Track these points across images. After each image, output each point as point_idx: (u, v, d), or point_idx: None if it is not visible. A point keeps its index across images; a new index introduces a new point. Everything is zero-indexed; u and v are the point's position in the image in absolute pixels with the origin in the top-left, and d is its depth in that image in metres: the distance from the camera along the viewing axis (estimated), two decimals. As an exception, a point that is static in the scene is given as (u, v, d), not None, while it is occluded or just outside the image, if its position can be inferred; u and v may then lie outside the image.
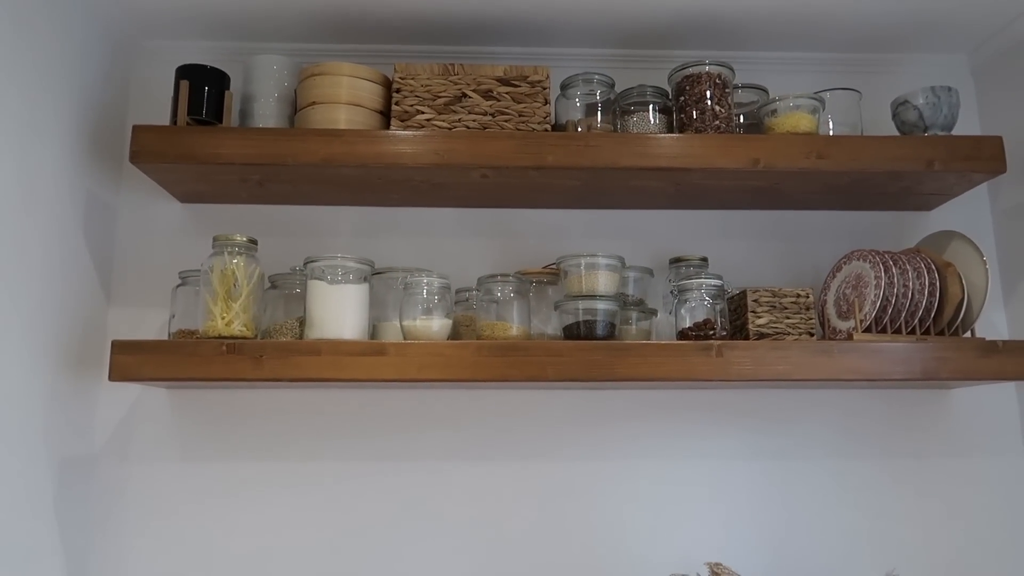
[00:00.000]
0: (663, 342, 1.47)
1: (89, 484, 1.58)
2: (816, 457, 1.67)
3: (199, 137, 1.48)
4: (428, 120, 1.54)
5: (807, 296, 1.51)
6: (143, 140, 1.47)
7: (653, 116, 1.61)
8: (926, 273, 1.52)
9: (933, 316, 1.52)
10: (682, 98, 1.59)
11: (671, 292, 1.58)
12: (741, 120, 1.69)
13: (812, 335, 1.50)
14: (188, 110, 1.51)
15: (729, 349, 1.42)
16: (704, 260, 1.66)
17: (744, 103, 1.70)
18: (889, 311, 1.50)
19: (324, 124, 1.52)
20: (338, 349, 1.39)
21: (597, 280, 1.48)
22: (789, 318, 1.50)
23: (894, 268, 1.52)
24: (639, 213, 1.77)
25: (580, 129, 1.60)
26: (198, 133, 1.49)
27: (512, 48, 1.77)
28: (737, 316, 1.56)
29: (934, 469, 1.68)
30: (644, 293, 1.64)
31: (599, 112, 1.62)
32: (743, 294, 1.53)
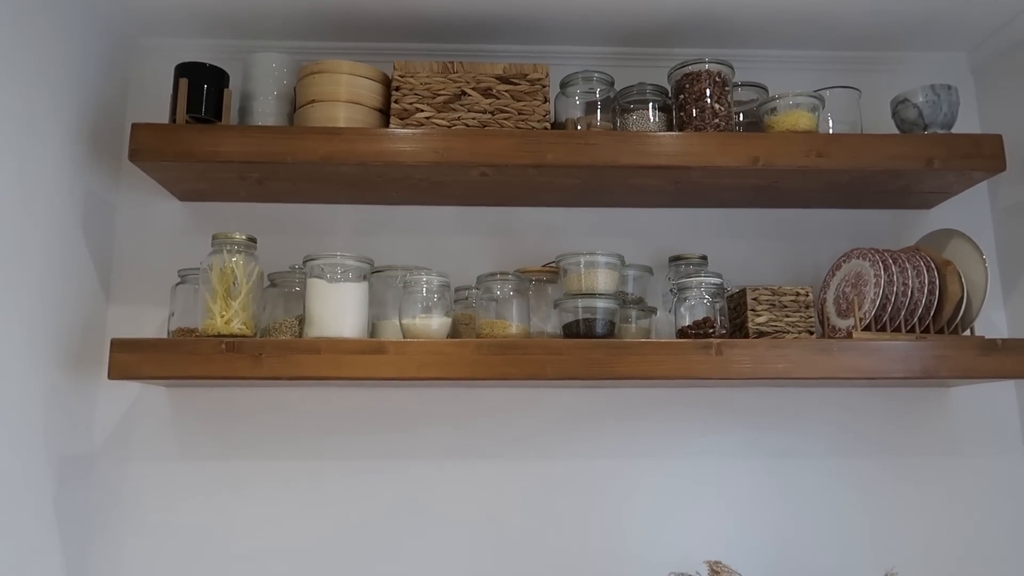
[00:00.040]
0: (663, 340, 1.47)
1: (88, 482, 1.58)
2: (816, 455, 1.67)
3: (198, 135, 1.48)
4: (427, 118, 1.54)
5: (807, 294, 1.51)
6: (142, 138, 1.47)
7: (653, 114, 1.60)
8: (925, 271, 1.52)
9: (933, 314, 1.52)
10: (682, 96, 1.59)
11: (671, 290, 1.58)
12: (741, 118, 1.69)
13: (812, 333, 1.50)
14: (187, 108, 1.51)
15: (728, 347, 1.43)
16: (704, 258, 1.66)
17: (744, 101, 1.70)
18: (889, 309, 1.50)
19: (323, 122, 1.52)
20: (337, 347, 1.39)
21: (597, 278, 1.48)
22: (788, 316, 1.50)
23: (893, 266, 1.52)
24: (639, 211, 1.77)
25: (580, 127, 1.60)
26: (197, 131, 1.49)
27: (512, 46, 1.77)
28: (737, 314, 1.56)
29: (934, 467, 1.68)
30: (644, 291, 1.64)
31: (599, 110, 1.62)
32: (743, 292, 1.53)
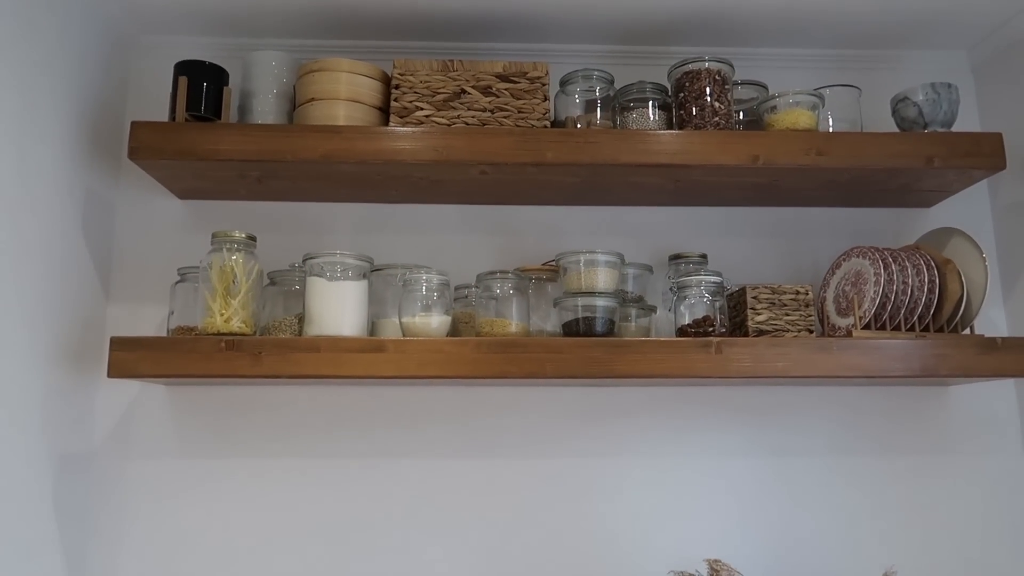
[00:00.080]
0: (662, 339, 1.47)
1: (88, 480, 1.58)
2: (815, 454, 1.67)
3: (198, 133, 1.48)
4: (427, 116, 1.54)
5: (806, 293, 1.51)
6: (141, 136, 1.47)
7: (653, 112, 1.60)
8: (925, 270, 1.51)
9: (932, 313, 1.52)
10: (682, 94, 1.59)
11: (670, 289, 1.58)
12: (741, 117, 1.69)
13: (811, 332, 1.50)
14: (187, 106, 1.51)
15: (728, 346, 1.42)
16: (703, 257, 1.66)
17: (744, 99, 1.70)
18: (888, 308, 1.50)
19: (323, 120, 1.52)
20: (337, 346, 1.39)
21: (596, 277, 1.48)
22: (788, 315, 1.50)
23: (893, 265, 1.52)
24: (638, 210, 1.76)
25: (579, 125, 1.60)
26: (197, 129, 1.48)
27: (511, 44, 1.77)
28: (736, 313, 1.56)
29: (933, 465, 1.68)
30: (643, 290, 1.64)
31: (598, 108, 1.62)
32: (742, 291, 1.52)
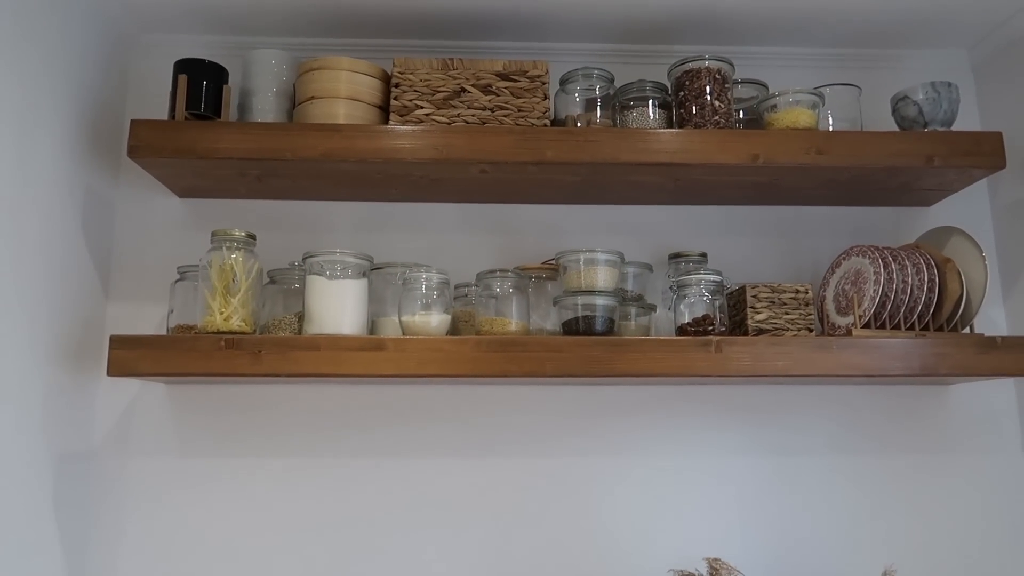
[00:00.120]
0: (662, 338, 1.47)
1: (88, 478, 1.58)
2: (815, 453, 1.67)
3: (197, 132, 1.48)
4: (427, 115, 1.53)
5: (806, 292, 1.51)
6: (141, 135, 1.47)
7: (652, 111, 1.60)
8: (925, 269, 1.51)
9: (932, 312, 1.52)
10: (682, 93, 1.59)
11: (670, 288, 1.58)
12: (741, 115, 1.69)
13: (811, 331, 1.50)
14: (186, 104, 1.51)
15: (728, 345, 1.42)
16: (703, 256, 1.66)
17: (744, 98, 1.70)
18: (888, 307, 1.50)
19: (323, 119, 1.52)
20: (337, 344, 1.39)
21: (596, 276, 1.48)
22: (788, 314, 1.50)
23: (893, 264, 1.52)
24: (638, 208, 1.76)
25: (579, 124, 1.60)
26: (196, 128, 1.48)
27: (511, 43, 1.77)
28: (736, 312, 1.56)
29: (932, 464, 1.68)
30: (643, 289, 1.64)
31: (598, 107, 1.62)
32: (742, 290, 1.52)
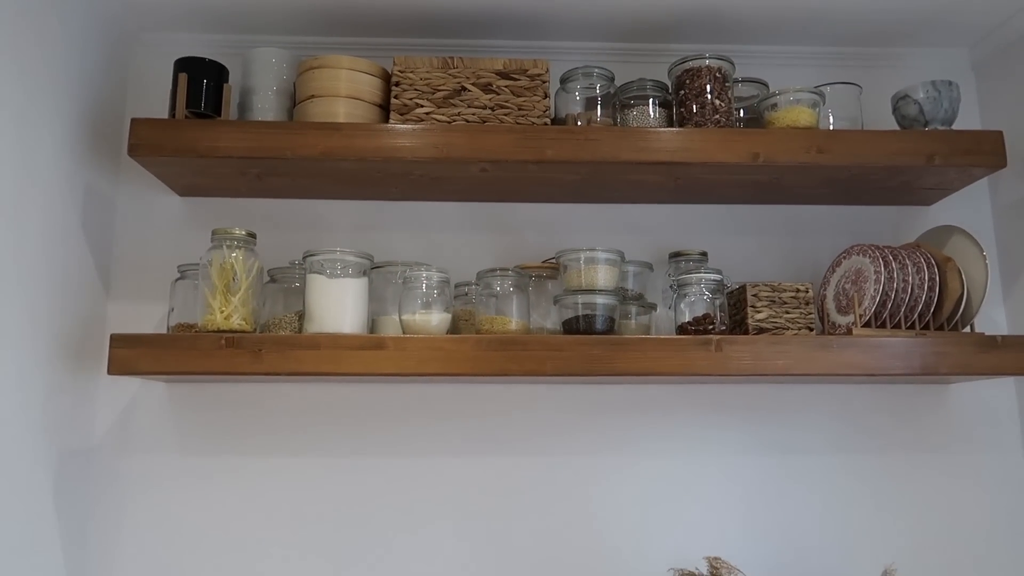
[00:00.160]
0: (662, 337, 1.47)
1: (88, 477, 1.58)
2: (815, 452, 1.67)
3: (197, 130, 1.48)
4: (427, 114, 1.53)
5: (806, 291, 1.51)
6: (141, 133, 1.47)
7: (653, 110, 1.60)
8: (926, 268, 1.51)
9: (932, 311, 1.52)
10: (682, 92, 1.59)
11: (670, 287, 1.58)
12: (741, 114, 1.68)
13: (811, 330, 1.50)
14: (186, 103, 1.51)
15: (728, 344, 1.42)
16: (704, 255, 1.66)
17: (744, 97, 1.69)
18: (888, 306, 1.50)
19: (323, 117, 1.52)
20: (337, 343, 1.39)
21: (596, 275, 1.48)
22: (788, 313, 1.50)
23: (894, 263, 1.51)
24: (639, 207, 1.76)
25: (580, 123, 1.60)
26: (196, 126, 1.48)
27: (511, 41, 1.77)
28: (736, 311, 1.56)
29: (933, 463, 1.68)
30: (643, 288, 1.64)
31: (599, 106, 1.62)
32: (742, 289, 1.52)
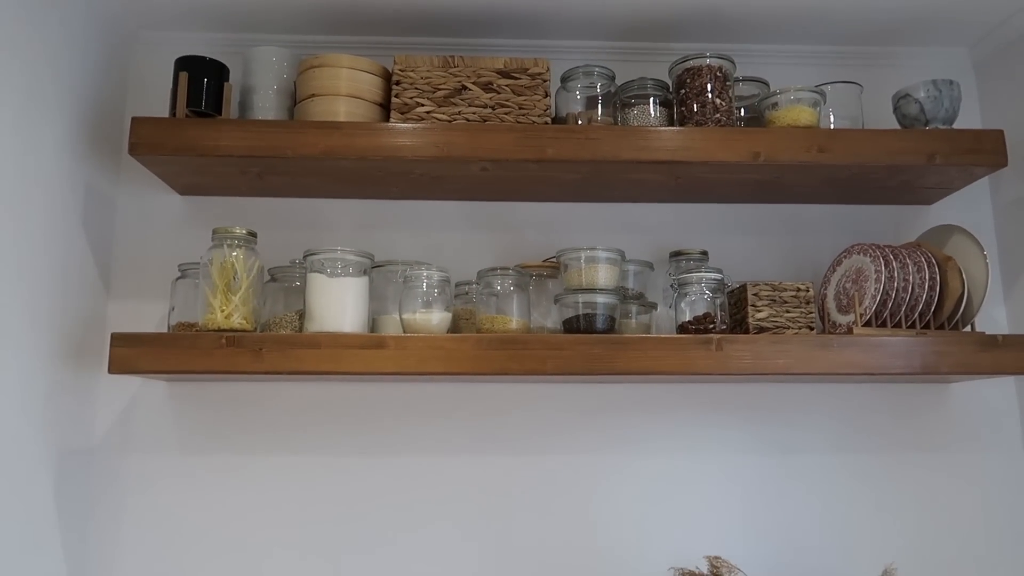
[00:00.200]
0: (663, 336, 1.47)
1: (88, 476, 1.58)
2: (816, 451, 1.67)
3: (198, 129, 1.48)
4: (428, 112, 1.53)
5: (807, 290, 1.51)
6: (142, 132, 1.47)
7: (654, 109, 1.60)
8: (926, 267, 1.51)
9: (933, 310, 1.52)
10: (683, 91, 1.58)
11: (671, 286, 1.58)
12: (742, 113, 1.68)
13: (812, 329, 1.50)
14: (187, 102, 1.51)
15: (729, 343, 1.42)
16: (704, 254, 1.66)
17: (745, 96, 1.69)
18: (889, 305, 1.50)
19: (324, 116, 1.52)
20: (338, 342, 1.39)
21: (597, 274, 1.48)
22: (789, 312, 1.50)
23: (894, 262, 1.51)
24: (639, 206, 1.76)
25: (580, 122, 1.59)
26: (197, 125, 1.48)
27: (512, 40, 1.76)
28: (737, 310, 1.55)
29: (933, 463, 1.68)
30: (644, 287, 1.64)
31: (599, 105, 1.62)
32: (743, 288, 1.52)
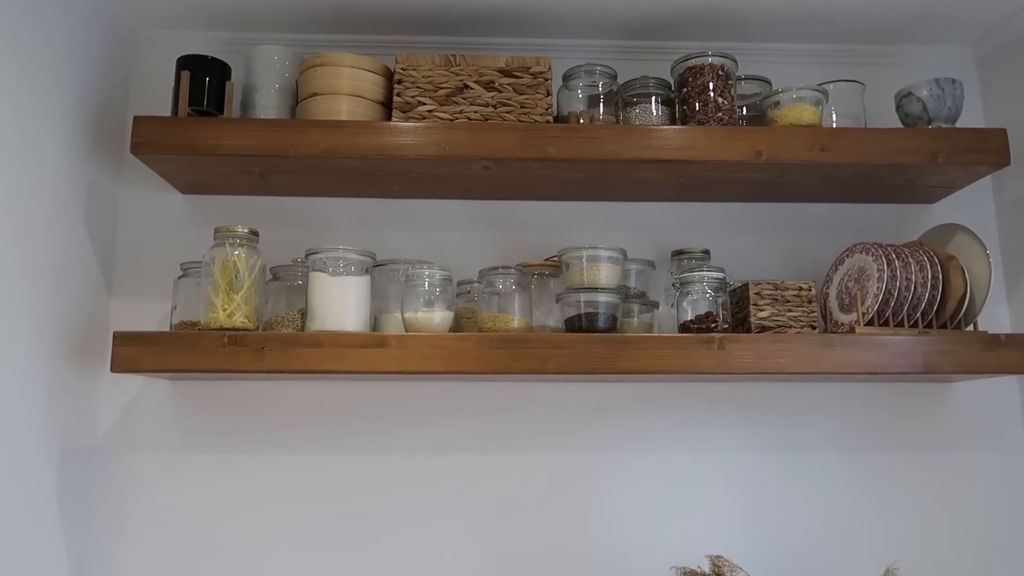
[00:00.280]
0: (665, 335, 1.47)
1: (90, 475, 1.58)
2: (818, 450, 1.67)
3: (200, 128, 1.48)
4: (430, 111, 1.53)
5: (809, 289, 1.51)
6: (144, 131, 1.47)
7: (656, 108, 1.60)
8: (929, 266, 1.51)
9: (935, 309, 1.52)
10: (685, 90, 1.58)
11: (673, 285, 1.57)
12: (744, 112, 1.68)
13: (814, 328, 1.49)
14: (189, 101, 1.51)
15: (731, 342, 1.42)
16: (706, 253, 1.66)
17: (747, 95, 1.69)
18: (891, 304, 1.50)
19: (325, 115, 1.52)
20: (339, 341, 1.39)
21: (599, 273, 1.48)
22: (791, 311, 1.50)
23: (897, 261, 1.51)
24: (641, 205, 1.76)
25: (582, 121, 1.59)
26: (199, 124, 1.48)
27: (514, 39, 1.76)
28: (739, 309, 1.55)
29: (935, 462, 1.68)
30: (646, 286, 1.64)
31: (601, 104, 1.62)
32: (745, 287, 1.52)
